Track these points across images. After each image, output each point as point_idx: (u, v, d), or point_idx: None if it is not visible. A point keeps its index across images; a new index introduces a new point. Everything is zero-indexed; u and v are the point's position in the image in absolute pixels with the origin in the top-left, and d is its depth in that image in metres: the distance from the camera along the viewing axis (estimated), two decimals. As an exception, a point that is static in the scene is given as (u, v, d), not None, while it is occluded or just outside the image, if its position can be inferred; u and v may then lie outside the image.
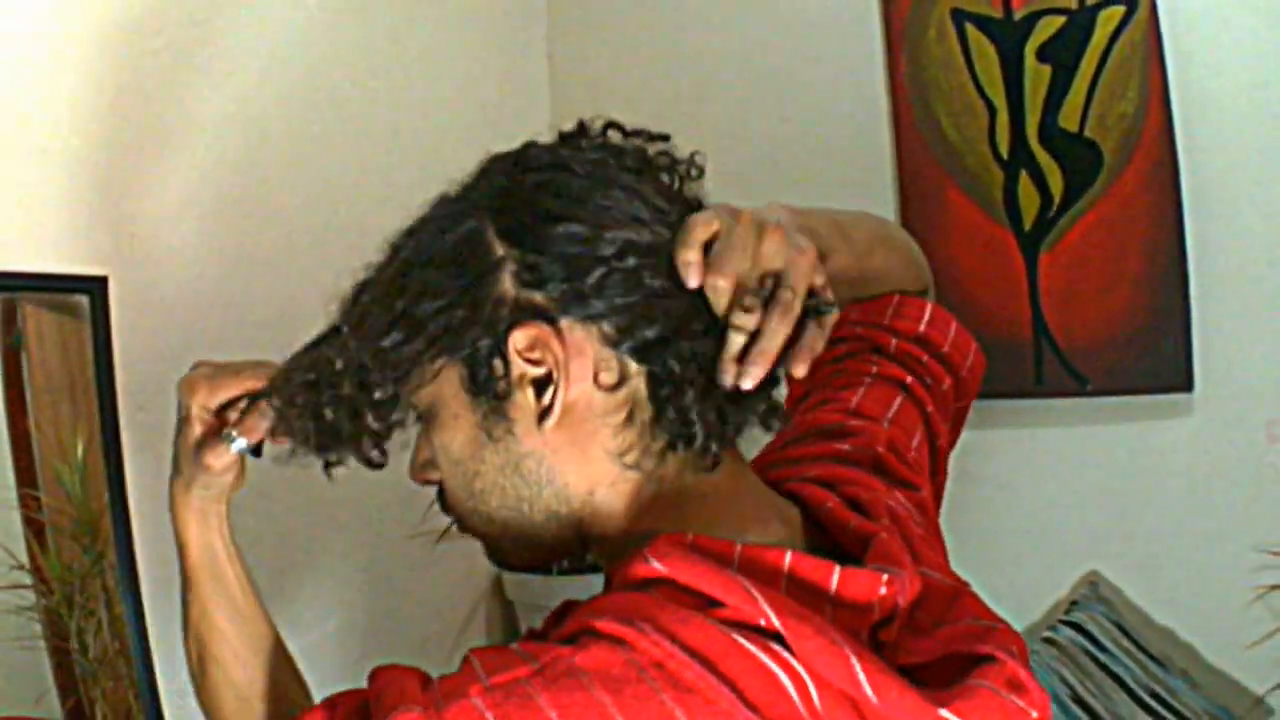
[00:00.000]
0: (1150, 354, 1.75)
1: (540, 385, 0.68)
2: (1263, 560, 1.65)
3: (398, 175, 1.95)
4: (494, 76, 2.26)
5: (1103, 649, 1.70)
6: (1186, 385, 1.74)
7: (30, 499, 1.48)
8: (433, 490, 0.81)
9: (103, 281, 1.56)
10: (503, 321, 0.67)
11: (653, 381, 0.68)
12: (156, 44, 1.65)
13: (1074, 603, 1.79)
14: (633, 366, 0.68)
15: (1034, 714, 0.64)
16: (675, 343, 0.67)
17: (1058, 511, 1.85)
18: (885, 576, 0.66)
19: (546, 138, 0.76)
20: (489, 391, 0.69)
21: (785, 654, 0.60)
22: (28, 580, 1.46)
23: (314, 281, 2.03)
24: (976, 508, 1.89)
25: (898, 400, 0.87)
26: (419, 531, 1.93)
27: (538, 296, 0.67)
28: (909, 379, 0.90)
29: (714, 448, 0.69)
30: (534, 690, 0.58)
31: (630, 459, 0.69)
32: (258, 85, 1.79)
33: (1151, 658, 1.70)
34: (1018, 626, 0.70)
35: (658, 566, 0.63)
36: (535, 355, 0.68)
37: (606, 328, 0.67)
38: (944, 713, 0.61)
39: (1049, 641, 1.72)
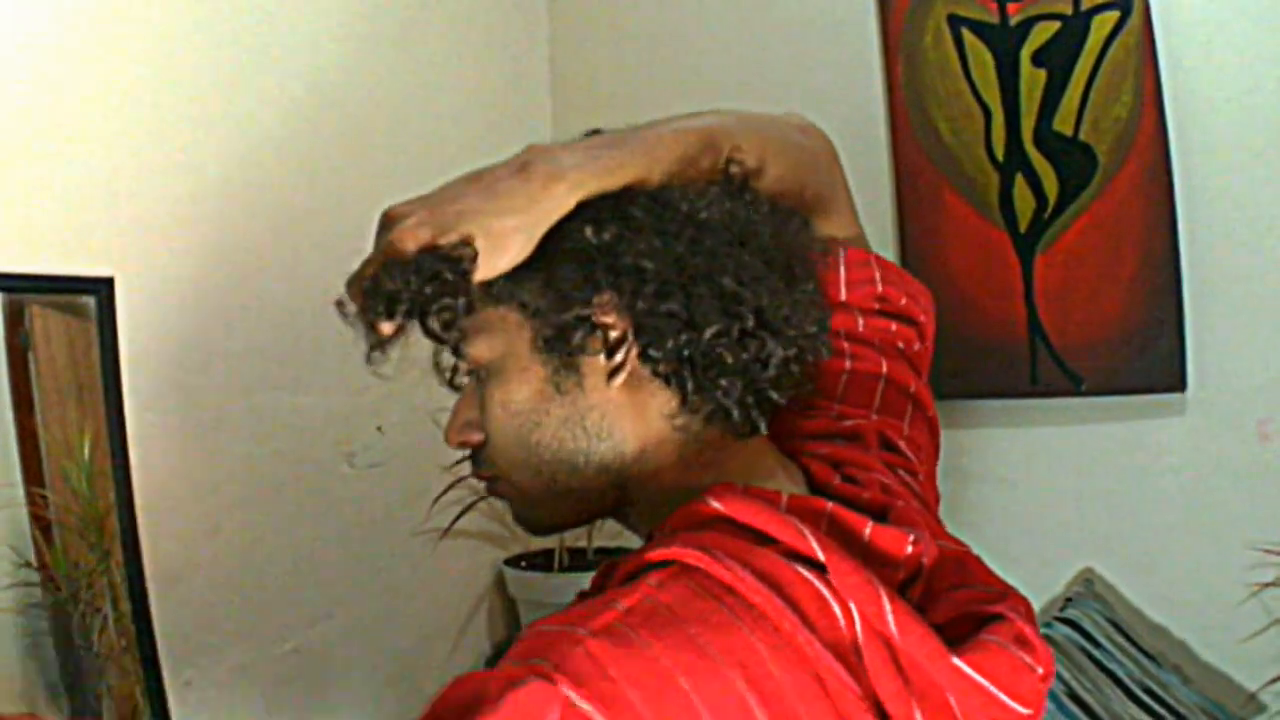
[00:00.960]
0: (1144, 354, 1.75)
1: (612, 347, 0.73)
2: (1255, 557, 1.64)
3: (401, 178, 1.94)
4: (497, 81, 2.25)
5: (1097, 645, 1.69)
6: (1180, 385, 1.73)
7: (37, 497, 1.48)
8: (435, 489, 0.82)
9: (109, 283, 1.56)
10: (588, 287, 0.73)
11: (695, 363, 0.73)
12: (163, 48, 1.65)
13: (1069, 599, 1.78)
14: (684, 348, 0.72)
15: (1039, 670, 0.68)
16: (722, 332, 0.72)
17: (1053, 509, 1.85)
18: (912, 536, 0.70)
19: (547, 141, 0.77)
20: (562, 348, 0.73)
21: (834, 584, 0.64)
22: (35, 577, 1.45)
23: (318, 283, 2.03)
24: (972, 506, 1.89)
25: (879, 390, 0.89)
26: (423, 529, 1.93)
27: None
28: (884, 366, 0.90)
29: (751, 420, 0.74)
30: (632, 628, 0.61)
31: (680, 421, 0.74)
32: (263, 88, 1.79)
33: (1145, 654, 1.69)
34: None
35: (716, 505, 0.68)
36: (611, 320, 0.73)
37: (666, 308, 0.72)
38: (957, 661, 0.64)
39: (1044, 638, 1.72)
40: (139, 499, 1.56)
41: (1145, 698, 1.63)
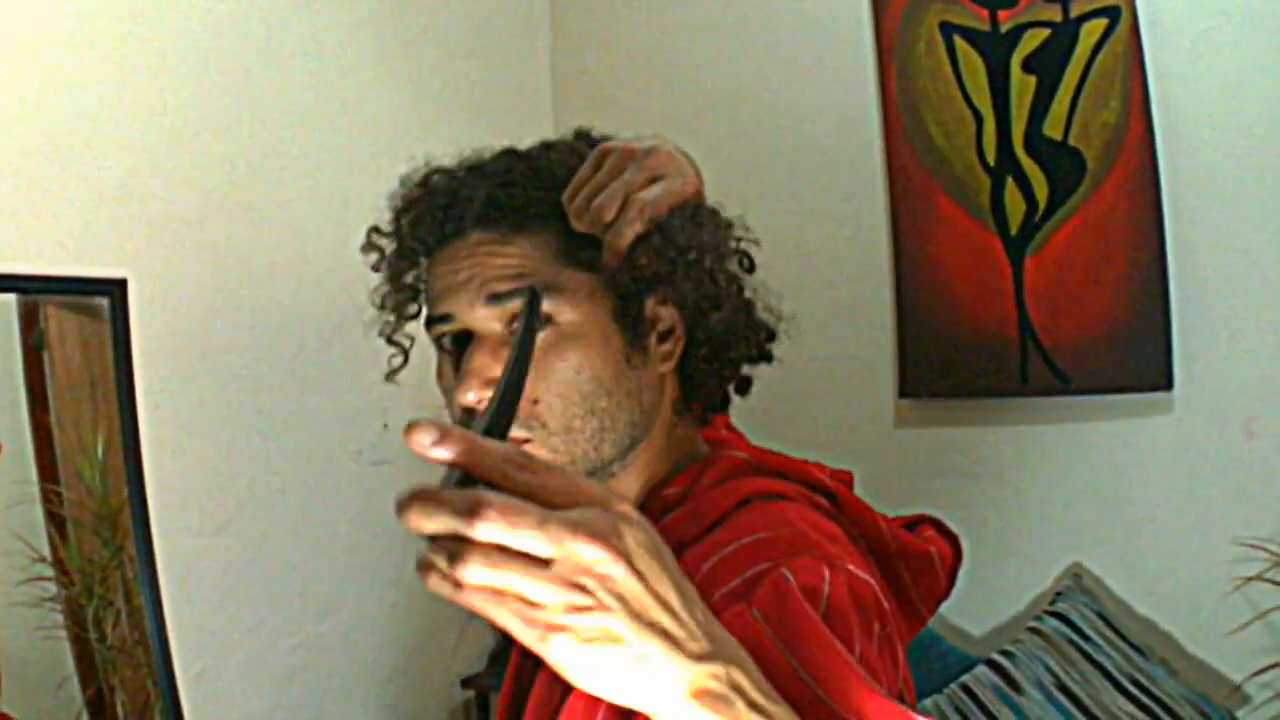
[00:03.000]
0: (1132, 354, 1.75)
1: (663, 335, 0.77)
2: (1240, 552, 1.64)
3: (406, 182, 1.95)
4: (500, 88, 2.26)
5: (1086, 638, 1.69)
6: (1166, 384, 1.73)
7: (52, 493, 1.48)
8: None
9: (122, 284, 1.56)
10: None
11: (713, 359, 0.78)
12: (175, 56, 1.65)
13: (1058, 594, 1.79)
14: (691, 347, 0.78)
15: (959, 558, 0.82)
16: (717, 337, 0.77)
17: (1042, 506, 1.85)
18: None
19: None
20: (636, 324, 0.74)
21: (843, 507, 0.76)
22: (49, 572, 1.46)
23: (325, 284, 2.04)
24: (964, 502, 1.89)
25: None
26: (427, 525, 1.93)
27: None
28: None
29: (716, 411, 0.82)
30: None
31: (679, 406, 0.79)
32: (272, 95, 1.79)
33: (1133, 646, 1.69)
34: (1004, 616, 0.77)
35: (742, 455, 0.77)
36: (664, 311, 0.76)
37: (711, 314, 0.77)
38: (932, 550, 0.79)
39: (1034, 631, 1.72)
40: (151, 495, 1.56)
41: (1133, 689, 1.64)
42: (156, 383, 1.59)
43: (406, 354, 0.82)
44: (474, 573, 0.45)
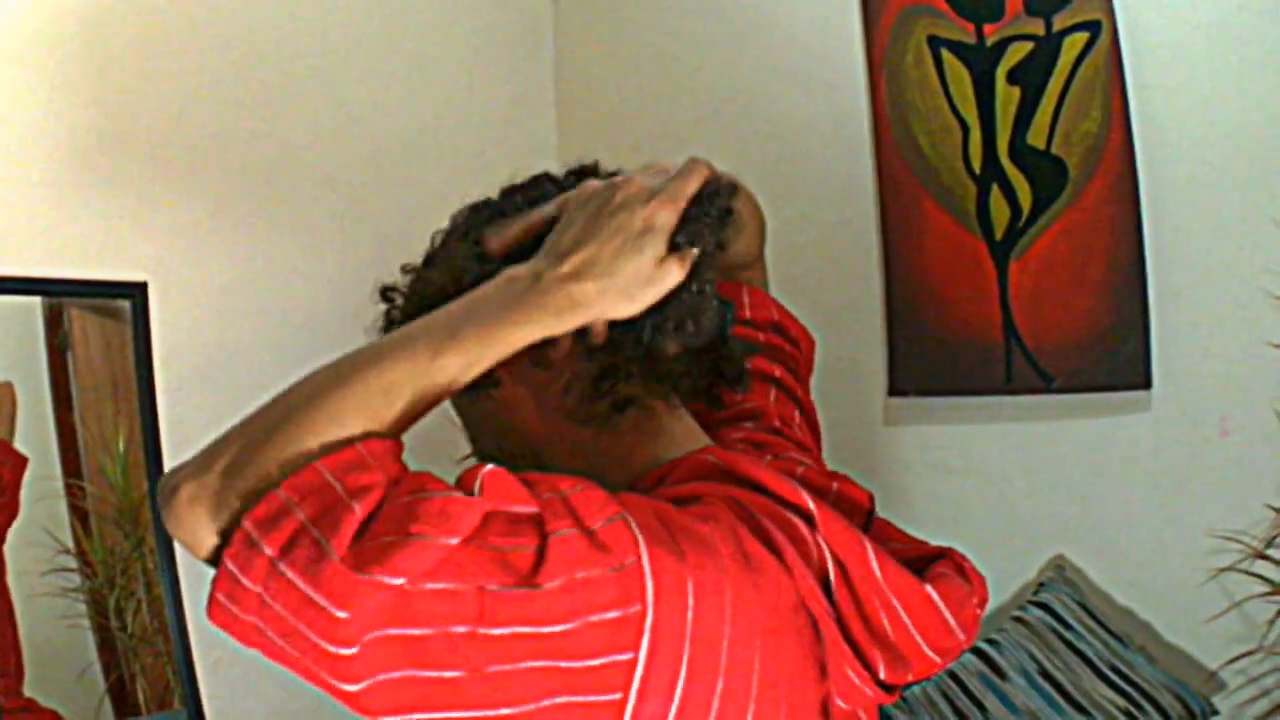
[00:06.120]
0: (1112, 354, 1.75)
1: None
2: (1215, 544, 1.65)
3: (414, 189, 1.95)
4: (505, 99, 2.26)
5: (1068, 627, 1.70)
6: (1145, 383, 1.74)
7: (76, 488, 1.48)
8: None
9: (143, 287, 1.56)
10: None
11: (590, 368, 0.73)
12: (193, 66, 1.65)
13: (1041, 584, 1.79)
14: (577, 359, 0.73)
15: (975, 599, 0.74)
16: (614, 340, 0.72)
17: (1026, 500, 1.85)
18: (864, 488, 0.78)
19: (552, 153, 0.79)
20: None
21: (820, 531, 0.69)
22: (73, 564, 1.46)
23: (338, 286, 2.04)
24: (951, 497, 1.89)
25: (772, 394, 0.93)
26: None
27: None
28: (778, 372, 0.94)
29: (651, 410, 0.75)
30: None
31: (581, 416, 0.75)
32: (286, 104, 1.80)
33: (1113, 635, 1.69)
34: (989, 606, 0.73)
35: (714, 460, 0.72)
36: None
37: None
38: (929, 589, 0.70)
39: (1018, 620, 1.72)
40: (170, 490, 1.56)
41: (1113, 676, 1.64)
42: (175, 382, 1.60)
43: None
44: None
